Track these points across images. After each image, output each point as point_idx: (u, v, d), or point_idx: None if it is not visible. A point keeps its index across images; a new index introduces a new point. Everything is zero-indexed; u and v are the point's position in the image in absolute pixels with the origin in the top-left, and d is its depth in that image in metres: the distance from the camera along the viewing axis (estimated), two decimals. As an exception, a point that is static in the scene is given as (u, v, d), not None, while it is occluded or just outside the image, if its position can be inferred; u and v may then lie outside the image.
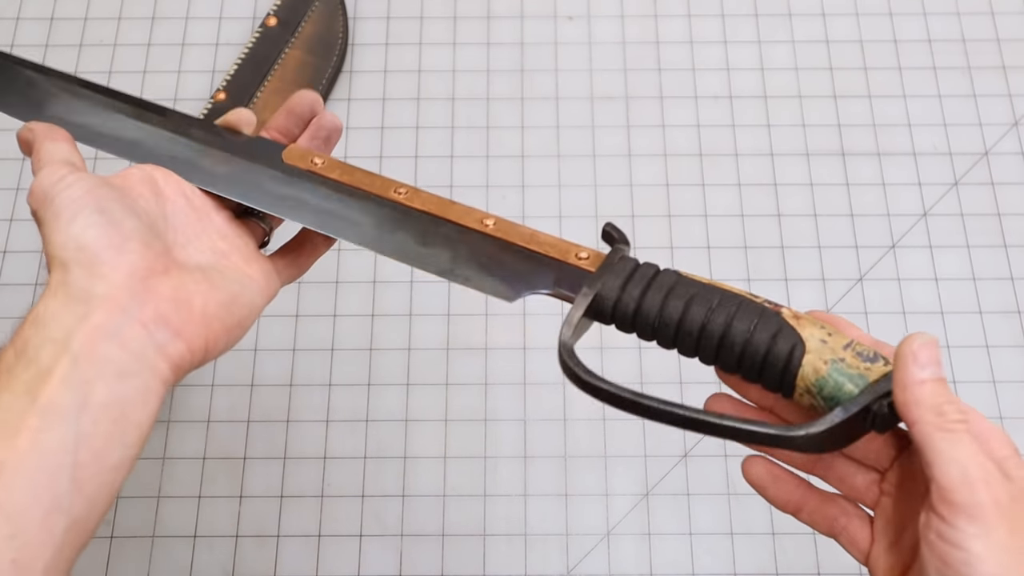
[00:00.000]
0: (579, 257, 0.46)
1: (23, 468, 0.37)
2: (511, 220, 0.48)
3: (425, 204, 0.49)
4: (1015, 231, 0.76)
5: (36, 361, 0.39)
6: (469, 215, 0.49)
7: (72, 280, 0.41)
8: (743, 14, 0.84)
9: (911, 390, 0.38)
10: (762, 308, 0.42)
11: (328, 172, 0.51)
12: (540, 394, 0.71)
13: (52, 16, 0.83)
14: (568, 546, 0.66)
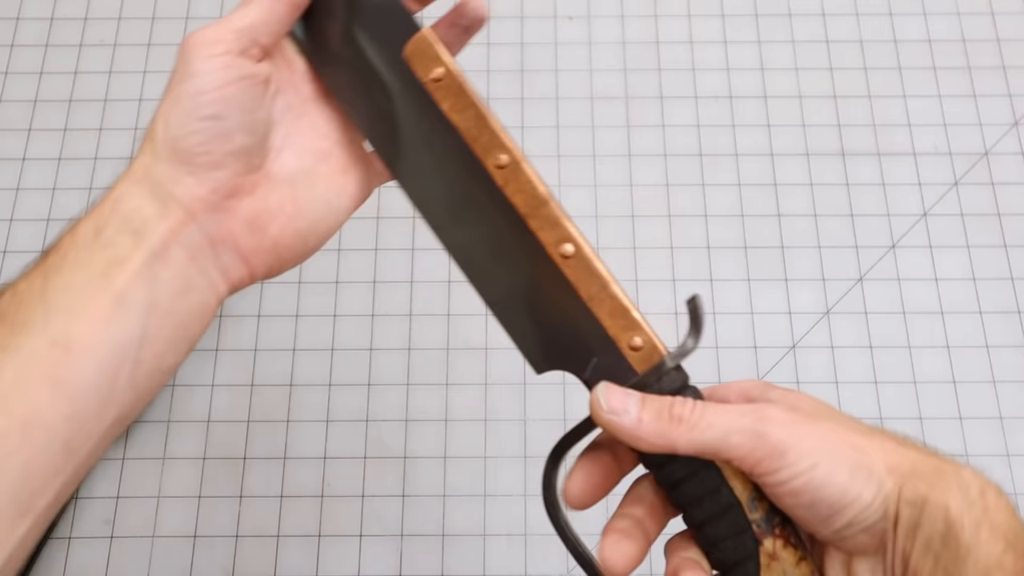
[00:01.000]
0: (632, 346, 0.41)
1: (94, 352, 0.37)
2: (591, 251, 0.41)
3: (517, 193, 0.41)
4: (1015, 231, 0.76)
5: (113, 246, 0.39)
6: (553, 229, 0.41)
7: (159, 173, 0.40)
8: (743, 14, 0.84)
9: (646, 437, 0.40)
10: (745, 529, 0.40)
11: (440, 96, 0.42)
12: (540, 394, 0.71)
13: (52, 16, 0.83)
14: (568, 546, 0.66)
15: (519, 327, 0.42)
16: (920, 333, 0.72)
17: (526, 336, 0.42)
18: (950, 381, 0.71)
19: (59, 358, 0.37)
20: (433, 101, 0.42)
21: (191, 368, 0.71)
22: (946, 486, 0.37)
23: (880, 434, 0.39)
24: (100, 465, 0.68)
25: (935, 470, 0.38)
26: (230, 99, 0.40)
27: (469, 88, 0.42)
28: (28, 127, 0.79)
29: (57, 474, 0.37)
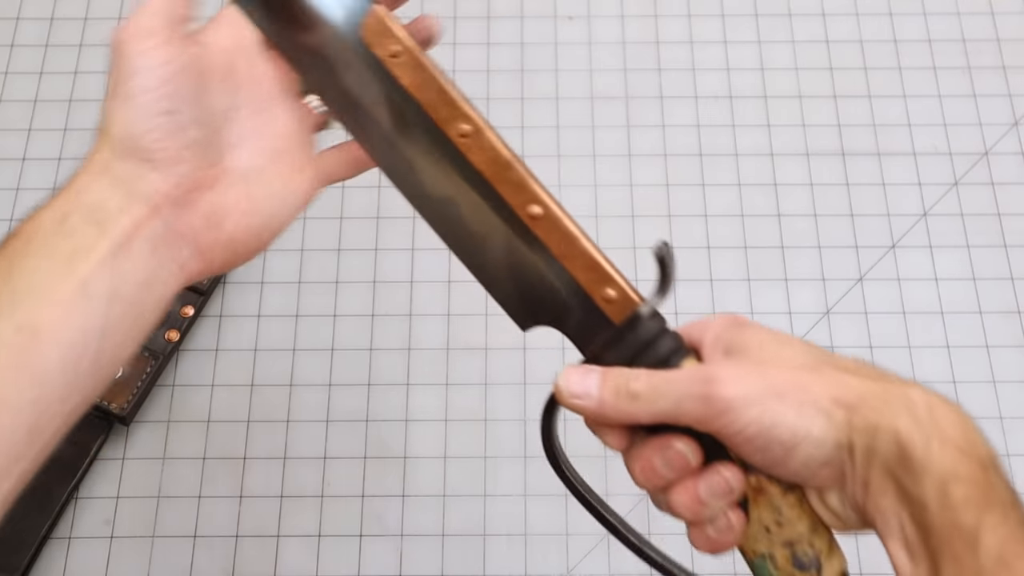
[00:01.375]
0: (606, 299, 0.42)
1: (59, 338, 0.37)
2: (559, 210, 0.42)
3: (482, 160, 0.42)
4: (1015, 231, 0.76)
5: (76, 235, 0.39)
6: (520, 192, 0.42)
7: (120, 169, 0.41)
8: (743, 14, 0.84)
9: (609, 415, 0.42)
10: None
11: (400, 72, 0.42)
12: (540, 394, 0.70)
13: (52, 16, 0.83)
14: (568, 546, 0.66)
15: (501, 288, 0.44)
16: (920, 333, 0.72)
17: (508, 296, 0.44)
18: (950, 381, 0.71)
19: (26, 343, 0.37)
20: (393, 77, 0.43)
21: (191, 368, 0.71)
22: (894, 409, 0.39)
23: (829, 365, 0.41)
24: (100, 465, 0.68)
25: (882, 395, 0.39)
26: (178, 92, 0.41)
27: (426, 62, 0.42)
28: (28, 127, 0.79)
29: (19, 459, 0.38)
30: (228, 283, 0.73)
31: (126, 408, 0.67)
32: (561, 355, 0.72)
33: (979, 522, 0.38)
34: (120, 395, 0.67)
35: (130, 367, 0.68)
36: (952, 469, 0.38)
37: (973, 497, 0.38)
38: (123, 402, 0.67)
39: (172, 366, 0.71)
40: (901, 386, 0.40)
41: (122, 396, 0.67)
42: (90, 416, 0.67)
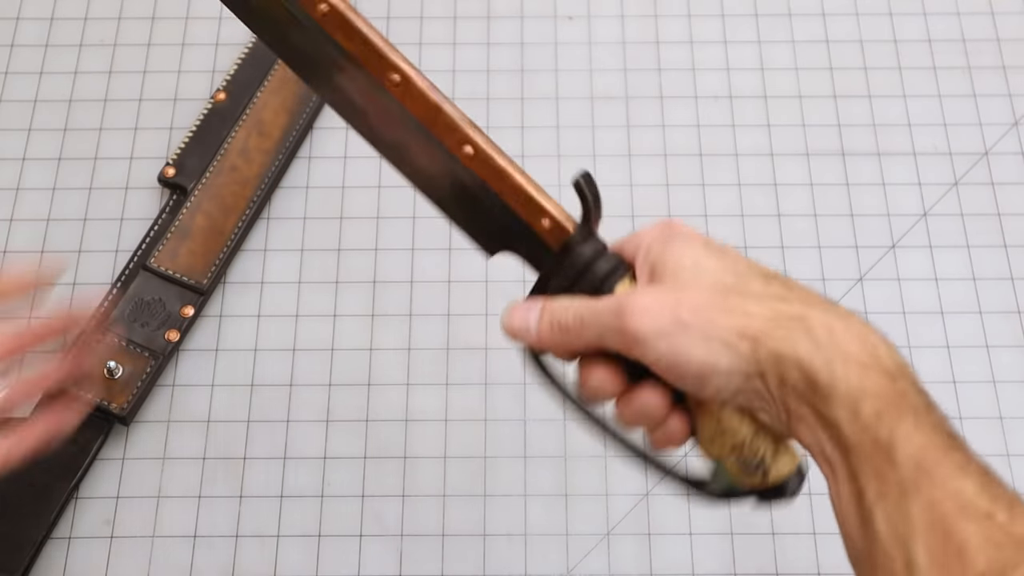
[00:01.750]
0: (544, 229, 0.46)
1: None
2: (490, 147, 0.46)
3: (415, 106, 0.45)
4: (1015, 231, 0.76)
5: None
6: (452, 133, 0.46)
7: None
8: (743, 14, 0.84)
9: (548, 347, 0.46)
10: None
11: (331, 29, 0.45)
12: (540, 394, 0.71)
13: (52, 16, 0.83)
14: (568, 546, 0.66)
15: (461, 220, 0.48)
16: (920, 333, 0.72)
17: (469, 227, 0.48)
18: (950, 381, 0.71)
19: None
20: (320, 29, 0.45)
21: (191, 368, 0.71)
22: (794, 336, 0.40)
23: (737, 292, 0.42)
24: (100, 465, 0.68)
25: (784, 322, 0.41)
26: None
27: (353, 16, 0.45)
28: (28, 127, 0.79)
29: None
30: (228, 283, 0.74)
31: (126, 408, 0.67)
32: (561, 355, 0.72)
33: (892, 434, 0.38)
34: (120, 395, 0.67)
35: (129, 367, 0.68)
36: (858, 386, 0.39)
37: (883, 410, 0.39)
38: (123, 402, 0.67)
39: (172, 366, 0.71)
40: (803, 308, 0.41)
41: (122, 396, 0.67)
42: (90, 416, 0.67)
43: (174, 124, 0.79)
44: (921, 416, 0.39)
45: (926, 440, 0.38)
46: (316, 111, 0.78)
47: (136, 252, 0.72)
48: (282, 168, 0.76)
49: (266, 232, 0.75)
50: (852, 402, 0.39)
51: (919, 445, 0.38)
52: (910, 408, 0.39)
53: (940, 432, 0.39)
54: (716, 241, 0.45)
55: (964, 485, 0.37)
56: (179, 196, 0.74)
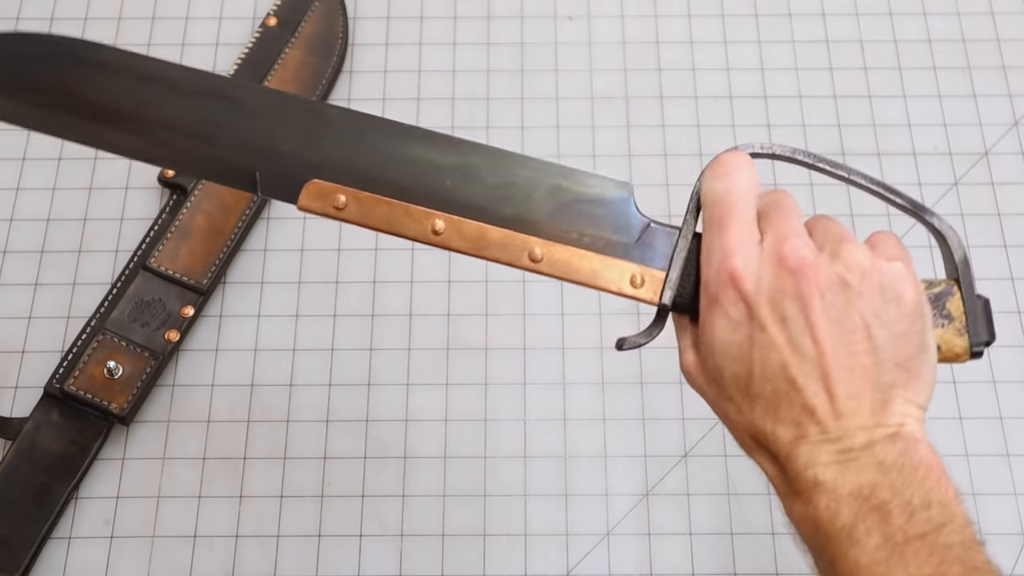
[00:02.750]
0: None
1: None
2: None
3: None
4: (1015, 231, 0.75)
5: None
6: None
7: None
8: (743, 14, 0.84)
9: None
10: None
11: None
12: (540, 394, 0.71)
13: (52, 16, 0.83)
14: (568, 546, 0.66)
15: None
16: (920, 333, 0.72)
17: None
18: (950, 381, 0.71)
19: None
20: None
21: (191, 368, 0.71)
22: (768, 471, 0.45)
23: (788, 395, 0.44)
24: (100, 465, 0.68)
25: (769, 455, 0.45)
26: None
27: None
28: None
29: None
30: (228, 283, 0.74)
31: (126, 408, 0.67)
32: (561, 355, 0.72)
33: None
34: (120, 395, 0.67)
35: (130, 367, 0.68)
36: (812, 541, 0.43)
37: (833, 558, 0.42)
38: (123, 402, 0.67)
39: (172, 366, 0.71)
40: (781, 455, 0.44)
41: (122, 396, 0.67)
42: (90, 416, 0.67)
43: (174, 124, 0.79)
44: (862, 545, 0.41)
45: (864, 573, 0.40)
46: (316, 111, 0.78)
47: (136, 252, 0.72)
48: (282, 168, 0.76)
49: (266, 232, 0.75)
50: (817, 561, 0.43)
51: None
52: (851, 542, 0.41)
53: (880, 555, 0.40)
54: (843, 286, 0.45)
55: None
56: (179, 196, 0.74)
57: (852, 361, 0.43)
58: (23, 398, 0.69)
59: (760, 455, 0.45)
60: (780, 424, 0.43)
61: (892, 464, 0.42)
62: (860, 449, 0.42)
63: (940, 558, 0.39)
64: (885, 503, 0.41)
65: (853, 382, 0.43)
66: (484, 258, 0.47)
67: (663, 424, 0.69)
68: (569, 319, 0.72)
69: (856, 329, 0.43)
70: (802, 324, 0.43)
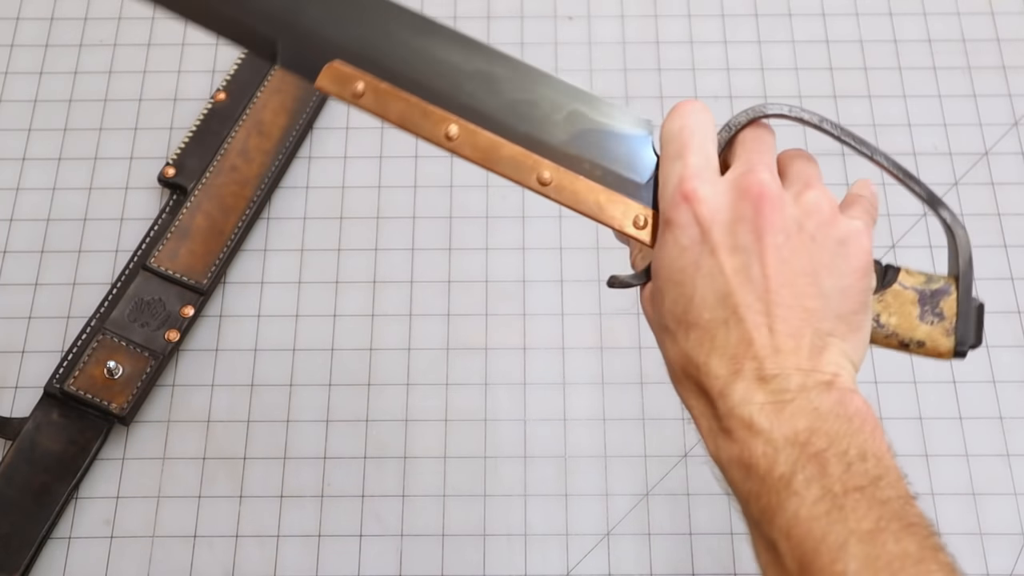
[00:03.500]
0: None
1: None
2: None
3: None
4: (1015, 231, 0.76)
5: None
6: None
7: None
8: (743, 14, 0.84)
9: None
10: None
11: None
12: (540, 394, 0.71)
13: (52, 16, 0.83)
14: (568, 546, 0.66)
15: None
16: (920, 333, 0.72)
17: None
18: (950, 381, 0.71)
19: None
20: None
21: (191, 368, 0.71)
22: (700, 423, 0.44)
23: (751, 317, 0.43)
24: (100, 465, 0.68)
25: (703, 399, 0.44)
26: None
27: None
28: (28, 127, 0.79)
29: None
30: (228, 283, 0.74)
31: (126, 408, 0.67)
32: (561, 355, 0.72)
33: (774, 529, 0.40)
34: (120, 395, 0.67)
35: (130, 367, 0.68)
36: (743, 488, 0.42)
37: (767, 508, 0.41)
38: (123, 402, 0.67)
39: (172, 366, 0.71)
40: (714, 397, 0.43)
41: (122, 396, 0.67)
42: (90, 416, 0.67)
43: (174, 124, 0.79)
44: (800, 496, 0.40)
45: (804, 528, 0.39)
46: (316, 111, 0.78)
47: (136, 252, 0.72)
48: (282, 168, 0.76)
49: (266, 232, 0.75)
50: (743, 504, 0.42)
51: (798, 536, 0.39)
52: (789, 494, 0.40)
53: (820, 509, 0.39)
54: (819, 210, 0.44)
55: (846, 566, 0.38)
56: (179, 196, 0.74)
57: (796, 302, 0.42)
58: (23, 398, 0.69)
59: (690, 391, 0.44)
60: (715, 355, 0.42)
61: (828, 412, 0.41)
62: (795, 391, 0.41)
63: (878, 513, 0.38)
64: (822, 452, 0.40)
65: (794, 322, 0.42)
66: (493, 171, 0.46)
67: (663, 424, 0.69)
68: (569, 319, 0.72)
69: (805, 272, 0.43)
70: (755, 255, 0.42)
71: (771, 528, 0.40)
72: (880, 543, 0.38)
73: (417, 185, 0.77)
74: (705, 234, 0.43)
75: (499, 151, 0.46)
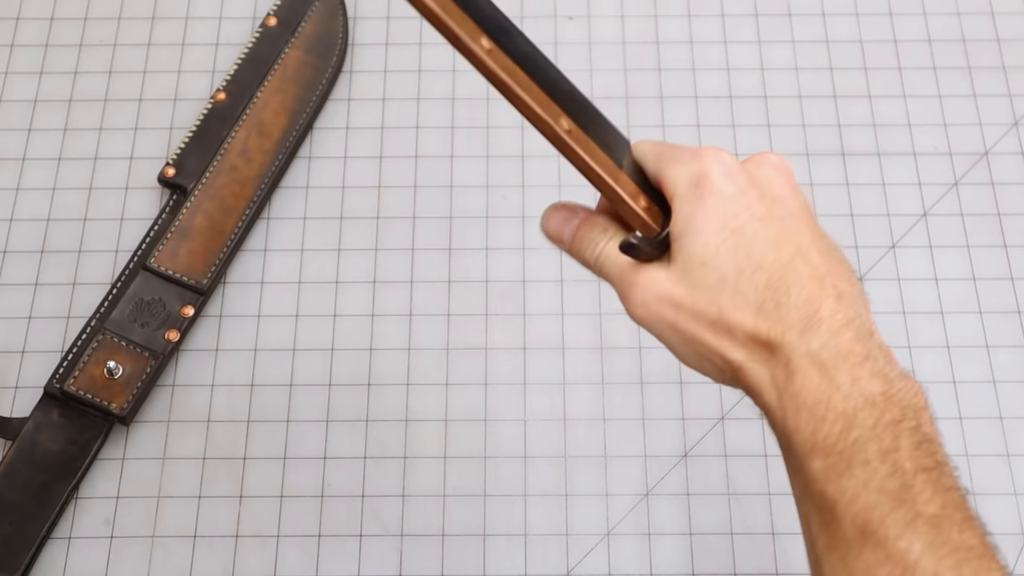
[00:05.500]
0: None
1: None
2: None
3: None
4: (1015, 231, 0.76)
5: None
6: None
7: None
8: (743, 14, 0.84)
9: (575, 257, 0.47)
10: None
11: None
12: (540, 394, 0.71)
13: (52, 16, 0.83)
14: (568, 546, 0.66)
15: None
16: (920, 333, 0.72)
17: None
18: (950, 381, 0.71)
19: None
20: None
21: (191, 368, 0.71)
22: (761, 380, 0.41)
23: (747, 291, 0.41)
24: (100, 465, 0.68)
25: (760, 356, 0.41)
26: None
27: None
28: (28, 127, 0.79)
29: None
30: (228, 283, 0.74)
31: (126, 408, 0.67)
32: (561, 355, 0.72)
33: (838, 492, 0.39)
34: (120, 395, 0.67)
35: (130, 367, 0.68)
36: (810, 441, 0.39)
37: (831, 466, 0.39)
38: (123, 402, 0.67)
39: (172, 366, 0.71)
40: (789, 333, 0.41)
41: (122, 396, 0.67)
42: (90, 416, 0.67)
43: (174, 124, 0.79)
44: (873, 467, 0.38)
45: (873, 499, 0.38)
46: (316, 111, 0.78)
47: (136, 252, 0.72)
48: (282, 168, 0.76)
49: (266, 232, 0.75)
50: (803, 456, 0.39)
51: (864, 505, 0.38)
52: (860, 462, 0.38)
53: (891, 485, 0.38)
54: (773, 182, 0.44)
55: (910, 545, 0.37)
56: (179, 196, 0.74)
57: (832, 254, 0.44)
58: (23, 398, 0.69)
59: (738, 344, 0.41)
60: (792, 291, 0.41)
61: (896, 380, 0.40)
62: (868, 349, 0.40)
63: (943, 499, 0.38)
64: (896, 423, 0.39)
65: (840, 270, 0.44)
66: (519, 100, 0.42)
67: (663, 424, 0.69)
68: (569, 319, 0.72)
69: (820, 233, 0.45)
70: (794, 203, 0.43)
71: (834, 488, 0.38)
72: (945, 529, 0.37)
73: (417, 185, 0.77)
74: (747, 184, 0.43)
75: (529, 85, 0.42)
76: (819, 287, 0.41)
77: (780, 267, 0.42)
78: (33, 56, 0.81)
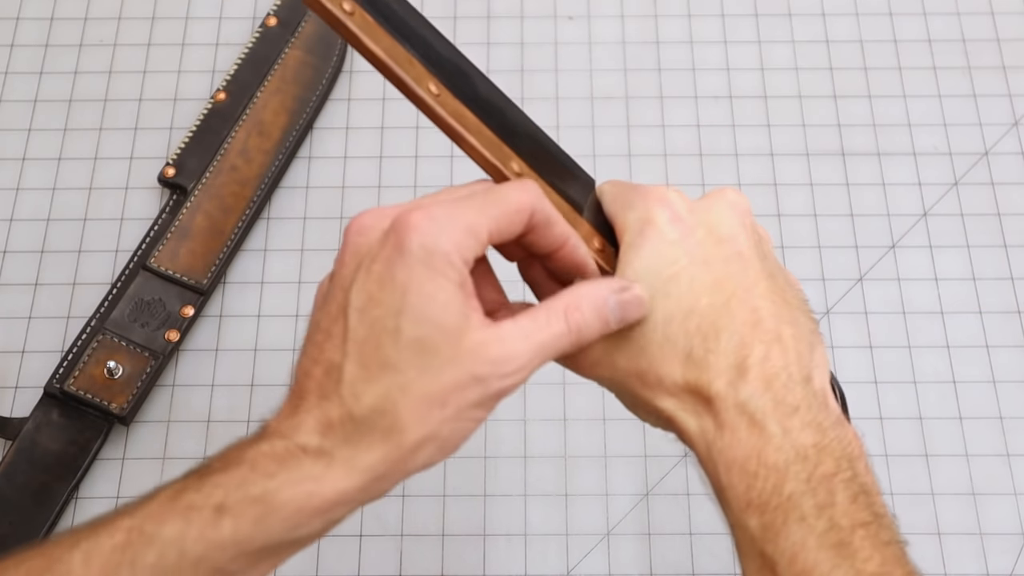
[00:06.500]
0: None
1: None
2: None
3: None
4: (1015, 231, 0.76)
5: None
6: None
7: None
8: (743, 14, 0.84)
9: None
10: None
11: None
12: (540, 394, 0.71)
13: (52, 16, 0.83)
14: (568, 546, 0.66)
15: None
16: (920, 333, 0.72)
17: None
18: (950, 381, 0.71)
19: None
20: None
21: (191, 368, 0.71)
22: (692, 434, 0.41)
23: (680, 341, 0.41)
24: (100, 465, 0.68)
25: (691, 408, 0.41)
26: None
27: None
28: (28, 127, 0.79)
29: None
30: (228, 283, 0.74)
31: (126, 408, 0.67)
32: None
33: (776, 551, 0.38)
34: (120, 395, 0.67)
35: (130, 367, 0.68)
36: (744, 498, 0.39)
37: (768, 524, 0.39)
38: (123, 402, 0.67)
39: (172, 366, 0.71)
40: (719, 383, 0.40)
41: (122, 396, 0.67)
42: (90, 416, 0.67)
43: (174, 124, 0.79)
44: (809, 524, 0.38)
45: (811, 558, 0.37)
46: (316, 111, 0.78)
47: (136, 252, 0.72)
48: (282, 168, 0.76)
49: (266, 232, 0.75)
50: (739, 512, 0.39)
51: (803, 566, 0.37)
52: (797, 518, 0.38)
53: (828, 541, 0.37)
54: (723, 222, 0.45)
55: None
56: (179, 196, 0.74)
57: (778, 296, 0.43)
58: (23, 398, 0.69)
59: (671, 395, 0.41)
60: (721, 338, 0.40)
61: (829, 430, 0.39)
62: (799, 398, 0.39)
63: (882, 555, 0.38)
64: (831, 476, 0.38)
65: (785, 312, 0.43)
66: (468, 144, 0.42)
67: (663, 424, 0.69)
68: (569, 319, 0.72)
69: (776, 271, 0.45)
70: (744, 243, 0.44)
71: (772, 548, 0.38)
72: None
73: (417, 185, 0.77)
74: (694, 225, 0.43)
75: (479, 128, 0.42)
76: (752, 331, 0.40)
77: (713, 311, 0.41)
78: (33, 56, 0.81)
